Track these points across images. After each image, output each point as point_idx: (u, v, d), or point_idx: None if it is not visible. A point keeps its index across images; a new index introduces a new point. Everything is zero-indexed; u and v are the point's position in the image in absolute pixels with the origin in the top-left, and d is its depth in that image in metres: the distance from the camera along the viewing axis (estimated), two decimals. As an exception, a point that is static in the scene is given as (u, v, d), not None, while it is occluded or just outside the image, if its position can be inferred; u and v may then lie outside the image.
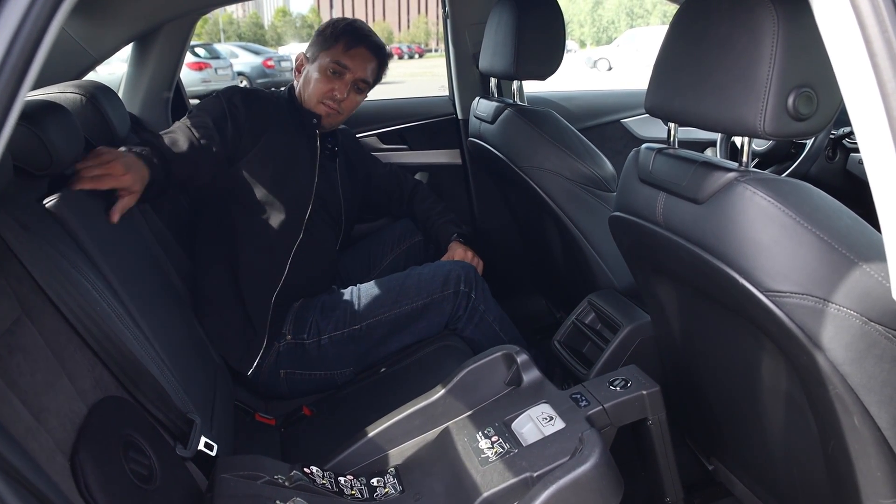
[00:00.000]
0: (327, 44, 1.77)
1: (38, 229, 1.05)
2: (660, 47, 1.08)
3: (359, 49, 1.78)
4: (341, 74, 1.77)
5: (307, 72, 1.80)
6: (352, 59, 1.77)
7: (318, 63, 1.78)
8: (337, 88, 1.77)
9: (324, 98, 1.77)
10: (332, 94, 1.77)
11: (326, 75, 1.77)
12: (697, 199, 1.00)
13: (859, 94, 0.71)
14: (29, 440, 0.80)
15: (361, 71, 1.79)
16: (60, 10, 0.57)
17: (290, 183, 1.72)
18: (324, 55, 1.77)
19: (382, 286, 1.72)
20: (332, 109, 1.79)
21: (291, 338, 1.66)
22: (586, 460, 0.98)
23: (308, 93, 1.79)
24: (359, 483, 1.13)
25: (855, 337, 0.88)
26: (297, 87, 1.82)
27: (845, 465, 0.98)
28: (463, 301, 1.71)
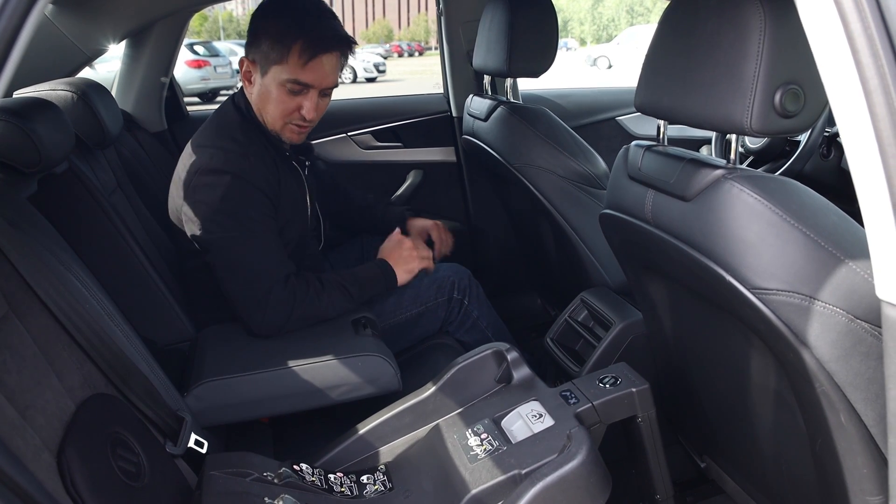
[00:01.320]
0: (278, 55, 1.45)
1: (27, 227, 1.05)
2: (650, 43, 1.08)
3: (318, 60, 1.46)
4: (304, 91, 1.48)
5: (261, 86, 1.49)
6: (313, 73, 1.46)
7: (272, 78, 1.47)
8: (304, 108, 1.49)
9: (289, 120, 1.51)
10: (298, 114, 1.50)
11: (286, 93, 1.48)
12: (685, 196, 1.00)
13: (842, 92, 0.71)
14: (14, 438, 0.80)
15: (327, 80, 1.49)
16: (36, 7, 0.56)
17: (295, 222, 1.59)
18: (277, 70, 1.46)
19: (376, 296, 1.70)
20: (303, 129, 1.54)
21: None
22: (573, 458, 0.98)
23: (270, 113, 1.51)
24: (348, 480, 1.13)
25: (841, 334, 0.88)
26: (254, 103, 1.52)
27: (832, 462, 0.98)
28: (456, 307, 1.71)
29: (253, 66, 1.50)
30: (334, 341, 1.40)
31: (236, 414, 1.34)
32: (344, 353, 1.34)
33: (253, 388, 1.32)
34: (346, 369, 1.33)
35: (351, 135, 2.46)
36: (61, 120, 1.25)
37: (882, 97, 0.67)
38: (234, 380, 1.30)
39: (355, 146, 2.47)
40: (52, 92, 1.53)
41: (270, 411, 1.37)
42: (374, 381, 1.35)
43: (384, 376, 1.36)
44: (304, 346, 1.38)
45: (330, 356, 1.33)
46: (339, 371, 1.33)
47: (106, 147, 1.71)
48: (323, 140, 2.43)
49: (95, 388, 1.01)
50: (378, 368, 1.35)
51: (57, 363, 0.95)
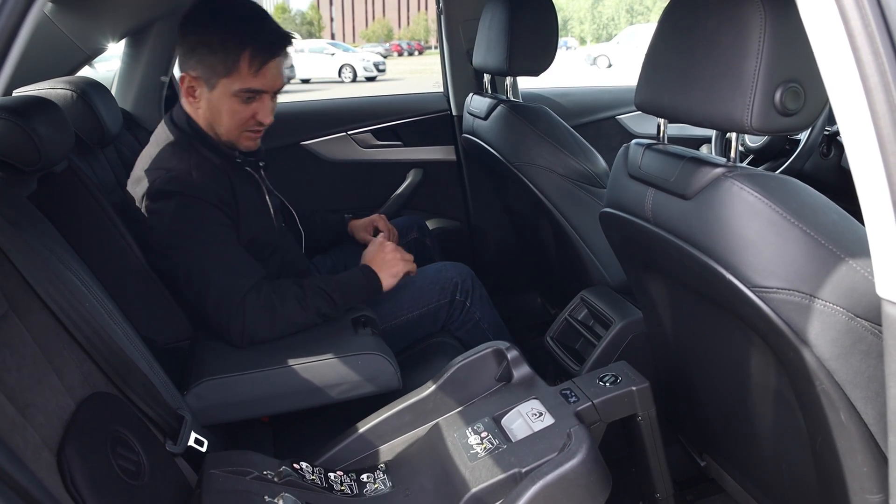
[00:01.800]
0: (226, 68, 1.40)
1: (27, 225, 1.05)
2: (650, 42, 1.08)
3: (268, 66, 1.43)
4: (257, 97, 1.45)
5: (210, 101, 1.45)
6: (265, 79, 1.43)
7: (221, 90, 1.43)
8: (259, 112, 1.46)
9: (247, 127, 1.48)
10: (255, 120, 1.47)
11: (240, 102, 1.44)
12: (686, 194, 1.00)
13: (843, 89, 0.71)
14: (14, 436, 0.80)
15: (278, 82, 1.47)
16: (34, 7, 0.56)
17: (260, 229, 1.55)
18: (227, 82, 1.41)
19: (376, 298, 1.68)
20: (259, 134, 1.51)
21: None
22: (573, 456, 0.98)
23: (224, 125, 1.46)
24: (349, 479, 1.13)
25: (841, 332, 0.88)
26: (201, 118, 1.48)
27: (832, 460, 0.98)
28: (458, 308, 1.70)
29: (196, 82, 1.44)
30: (334, 339, 1.39)
31: (236, 412, 1.34)
32: (343, 352, 1.34)
33: (252, 387, 1.32)
34: (345, 368, 1.33)
35: (351, 133, 2.46)
36: (61, 118, 1.25)
37: (882, 95, 0.67)
38: (234, 378, 1.30)
39: (355, 145, 2.47)
40: (51, 91, 1.53)
41: (270, 410, 1.37)
42: (374, 380, 1.35)
43: (384, 374, 1.36)
44: (303, 345, 1.38)
45: (329, 354, 1.33)
46: (338, 369, 1.33)
47: (106, 146, 1.71)
48: (322, 139, 2.43)
49: (95, 387, 1.01)
50: (378, 367, 1.35)
51: (57, 362, 0.95)
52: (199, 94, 1.45)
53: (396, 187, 2.48)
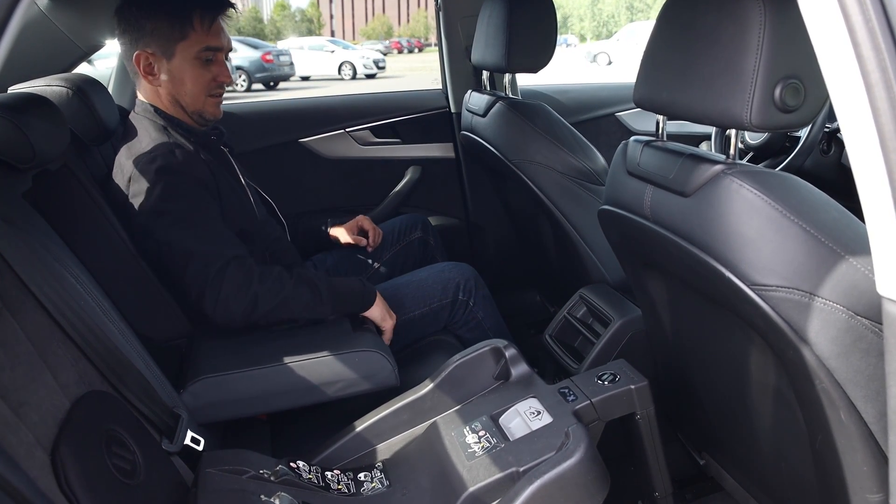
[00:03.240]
0: (181, 32, 1.46)
1: (21, 223, 1.05)
2: (648, 38, 1.08)
3: (217, 22, 1.50)
4: (215, 57, 1.51)
5: (170, 72, 1.49)
6: (218, 36, 1.50)
7: (181, 57, 1.48)
8: (220, 73, 1.52)
9: (210, 90, 1.52)
10: (217, 82, 1.52)
11: (200, 64, 1.49)
12: (684, 191, 0.99)
13: (843, 86, 0.70)
14: (7, 435, 0.79)
15: (228, 40, 1.53)
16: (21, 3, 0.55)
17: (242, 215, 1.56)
18: (184, 46, 1.47)
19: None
20: (220, 97, 1.56)
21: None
22: (571, 455, 0.98)
23: (189, 93, 1.51)
24: (346, 478, 1.13)
25: (841, 331, 0.88)
26: (163, 94, 1.52)
27: (832, 459, 0.97)
28: (461, 308, 1.70)
29: (154, 57, 1.48)
30: (331, 337, 1.39)
31: (233, 410, 1.33)
32: (341, 349, 1.34)
33: (249, 385, 1.31)
34: (342, 365, 1.32)
35: (349, 131, 2.45)
36: (56, 116, 1.24)
37: (884, 91, 0.66)
38: (231, 376, 1.30)
39: (353, 142, 2.46)
40: (47, 88, 1.51)
41: (267, 408, 1.36)
42: (372, 377, 1.34)
43: (382, 372, 1.35)
44: (300, 343, 1.37)
45: (326, 352, 1.32)
46: (335, 367, 1.32)
47: (102, 143, 1.70)
48: (321, 136, 2.42)
49: (91, 385, 1.00)
50: (375, 364, 1.34)
51: (51, 360, 0.95)
52: (157, 68, 1.49)
53: (395, 184, 2.47)
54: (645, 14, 57.20)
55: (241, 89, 15.35)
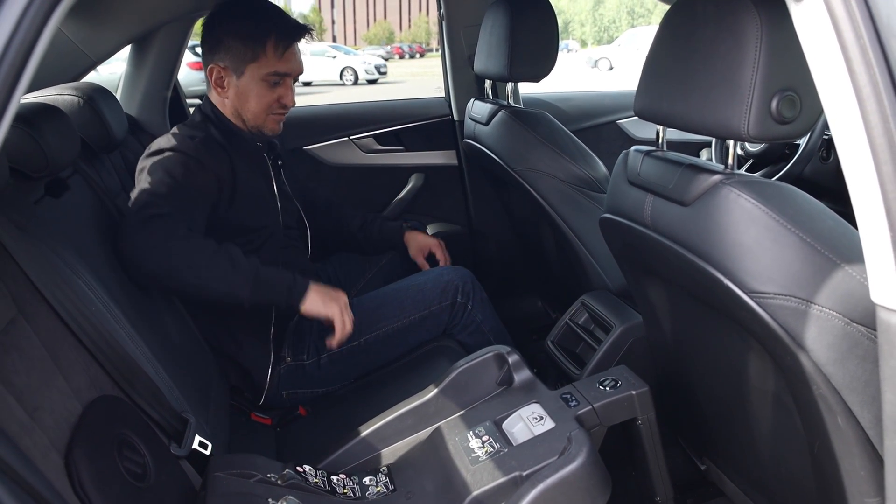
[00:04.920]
0: (253, 54, 1.53)
1: (34, 230, 1.07)
2: (649, 49, 1.10)
3: (291, 48, 1.57)
4: (282, 81, 1.58)
5: (238, 87, 1.56)
6: (288, 62, 1.57)
7: (249, 76, 1.55)
8: (284, 96, 1.59)
9: (272, 110, 1.59)
10: (280, 103, 1.59)
11: (267, 86, 1.56)
12: (684, 201, 1.01)
13: (836, 99, 0.72)
14: (23, 438, 0.81)
15: (300, 66, 1.61)
16: (56, 12, 0.58)
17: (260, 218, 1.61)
18: (254, 68, 1.54)
19: (378, 300, 1.69)
20: (282, 117, 1.63)
21: (291, 360, 1.62)
22: (573, 459, 1.00)
23: (251, 109, 1.58)
24: (351, 482, 1.15)
25: (837, 337, 0.89)
26: (229, 106, 1.59)
27: (830, 464, 0.99)
28: (459, 311, 1.71)
29: (225, 71, 1.56)
30: None
31: None
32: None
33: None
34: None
35: (353, 138, 2.48)
36: (68, 125, 1.26)
37: (875, 104, 0.68)
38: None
39: (357, 150, 2.49)
40: (58, 97, 1.54)
41: None
42: None
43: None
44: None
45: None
46: None
47: (111, 151, 1.73)
48: (325, 144, 2.45)
49: (101, 390, 1.02)
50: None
51: (64, 365, 0.97)
52: (227, 83, 1.57)
53: (398, 192, 2.50)
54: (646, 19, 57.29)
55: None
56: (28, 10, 0.58)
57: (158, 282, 1.39)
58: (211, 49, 1.57)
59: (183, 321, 1.54)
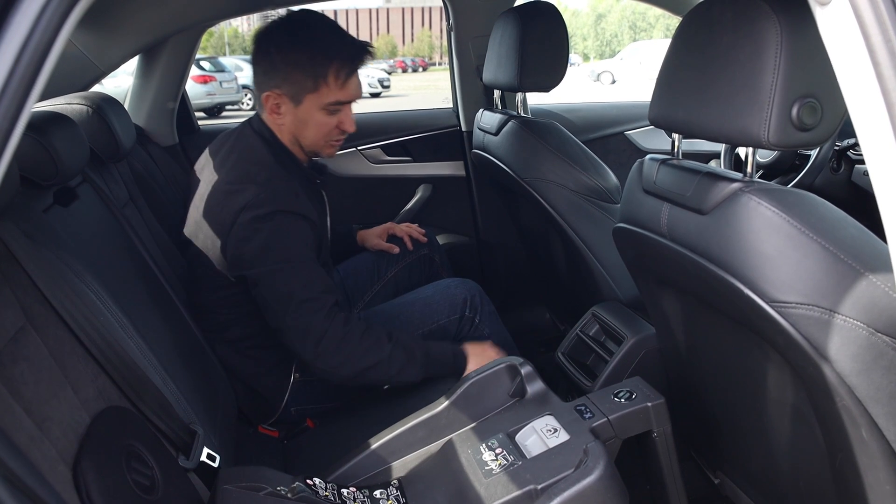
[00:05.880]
0: (314, 83, 1.46)
1: (43, 239, 1.06)
2: (664, 58, 1.09)
3: (353, 78, 1.50)
4: (342, 107, 1.51)
5: (296, 115, 1.49)
6: (348, 90, 1.49)
7: (309, 105, 1.48)
8: (344, 122, 1.52)
9: (332, 137, 1.54)
10: (340, 129, 1.53)
11: (327, 114, 1.49)
12: (702, 209, 1.00)
13: (863, 104, 0.71)
14: (32, 449, 0.80)
15: (359, 92, 1.53)
16: (69, 20, 0.57)
17: (322, 245, 1.57)
18: (313, 97, 1.46)
19: (386, 314, 1.68)
20: (340, 142, 1.58)
21: (299, 376, 1.60)
22: (591, 472, 0.98)
23: (310, 137, 1.52)
24: (361, 495, 1.13)
25: (862, 348, 0.87)
26: (286, 132, 1.53)
27: (853, 478, 0.97)
28: (467, 325, 1.70)
29: (281, 99, 1.48)
30: None
31: None
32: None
33: None
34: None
35: (361, 149, 2.47)
36: (77, 133, 1.26)
37: (905, 109, 0.67)
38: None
39: (365, 160, 2.48)
40: (67, 106, 1.54)
41: None
42: None
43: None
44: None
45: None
46: None
47: (119, 161, 1.72)
48: (332, 154, 2.44)
49: (109, 401, 1.00)
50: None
51: (72, 375, 0.95)
52: (284, 110, 1.49)
53: (406, 203, 2.49)
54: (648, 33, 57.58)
55: (248, 108, 15.48)
56: (41, 18, 0.57)
57: (349, 383, 1.46)
58: (265, 74, 1.48)
59: (191, 332, 1.52)
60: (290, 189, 1.45)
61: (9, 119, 0.59)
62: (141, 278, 1.42)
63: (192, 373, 1.38)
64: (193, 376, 1.38)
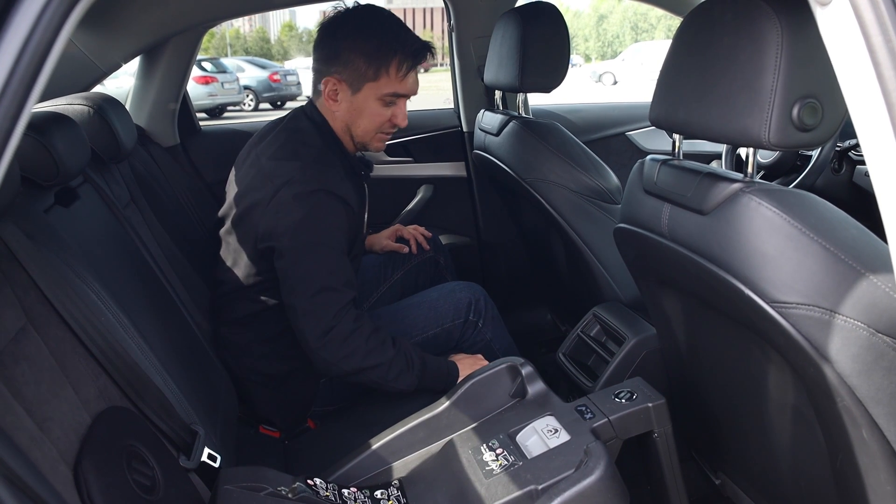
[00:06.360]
0: (375, 73, 1.48)
1: (44, 239, 1.06)
2: (664, 58, 1.09)
3: (412, 73, 1.52)
4: (397, 101, 1.54)
5: (352, 103, 1.51)
6: (406, 84, 1.52)
7: (366, 94, 1.50)
8: (397, 115, 1.54)
9: (383, 129, 1.55)
10: (392, 122, 1.55)
11: (382, 105, 1.52)
12: (702, 210, 1.00)
13: (864, 104, 0.71)
14: (33, 449, 0.80)
15: (417, 87, 1.55)
16: (69, 21, 0.57)
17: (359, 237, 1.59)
18: (372, 87, 1.49)
19: (391, 316, 1.68)
20: (389, 135, 1.60)
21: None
22: (591, 473, 0.98)
23: (362, 126, 1.54)
24: (362, 495, 1.13)
25: (862, 348, 0.87)
26: (339, 119, 1.54)
27: (854, 478, 0.96)
28: (470, 329, 1.71)
29: (340, 85, 1.50)
30: None
31: None
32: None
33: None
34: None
35: (361, 150, 2.47)
36: (78, 134, 1.26)
37: (905, 110, 0.67)
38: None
39: (366, 161, 2.48)
40: (68, 106, 1.54)
41: None
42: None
43: None
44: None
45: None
46: None
47: (120, 161, 1.72)
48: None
49: (110, 401, 1.00)
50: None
51: (73, 375, 0.95)
52: (341, 97, 1.52)
53: (407, 203, 2.49)
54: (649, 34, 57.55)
55: (249, 108, 15.50)
56: (41, 18, 0.57)
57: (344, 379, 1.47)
58: (328, 59, 1.50)
59: (192, 332, 1.52)
60: (335, 172, 1.46)
61: (9, 119, 0.59)
62: (142, 279, 1.42)
63: (192, 373, 1.38)
64: (194, 376, 1.38)
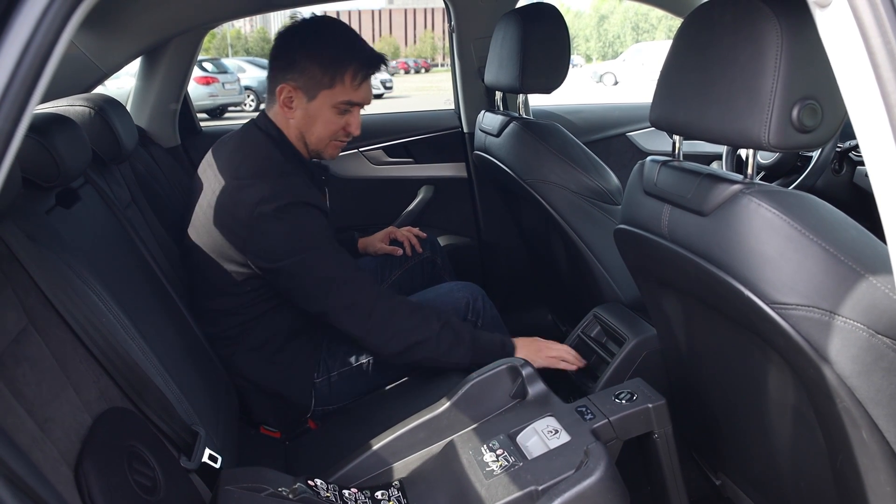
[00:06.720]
0: (330, 80, 1.50)
1: (45, 240, 1.06)
2: (664, 60, 1.09)
3: (367, 82, 1.55)
4: (351, 109, 1.56)
5: (307, 110, 1.53)
6: (361, 93, 1.54)
7: (321, 101, 1.52)
8: (351, 125, 1.56)
9: (337, 137, 1.57)
10: (346, 131, 1.57)
11: (336, 113, 1.54)
12: (702, 211, 1.00)
13: (863, 106, 0.71)
14: (34, 450, 0.80)
15: (371, 97, 1.58)
16: (70, 23, 0.58)
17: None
18: (327, 94, 1.51)
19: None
20: (344, 144, 1.61)
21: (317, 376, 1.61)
22: (591, 473, 0.98)
23: (317, 134, 1.55)
24: (363, 496, 1.13)
25: (862, 349, 0.87)
26: (293, 126, 1.55)
27: (854, 479, 0.97)
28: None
29: (296, 92, 1.52)
30: None
31: None
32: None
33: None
34: None
35: (362, 150, 2.48)
36: (79, 135, 1.26)
37: (904, 111, 0.67)
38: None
39: (366, 162, 2.49)
40: (69, 107, 1.54)
41: None
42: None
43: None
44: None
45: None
46: None
47: (121, 162, 1.73)
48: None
49: (111, 402, 1.01)
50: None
51: (74, 376, 0.95)
52: (296, 104, 1.53)
53: (407, 204, 2.49)
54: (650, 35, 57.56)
55: (250, 109, 15.51)
56: (43, 20, 0.58)
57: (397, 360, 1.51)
58: (284, 67, 1.52)
59: (193, 333, 1.52)
60: (301, 181, 1.49)
61: (11, 121, 0.59)
62: (142, 279, 1.43)
63: (193, 374, 1.39)
64: (195, 377, 1.38)
